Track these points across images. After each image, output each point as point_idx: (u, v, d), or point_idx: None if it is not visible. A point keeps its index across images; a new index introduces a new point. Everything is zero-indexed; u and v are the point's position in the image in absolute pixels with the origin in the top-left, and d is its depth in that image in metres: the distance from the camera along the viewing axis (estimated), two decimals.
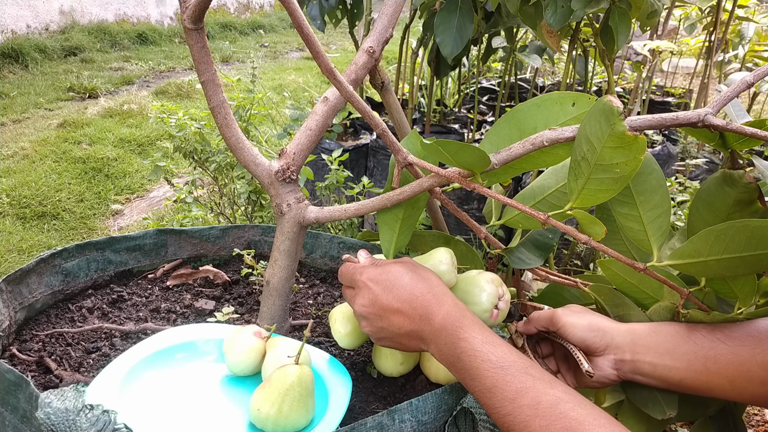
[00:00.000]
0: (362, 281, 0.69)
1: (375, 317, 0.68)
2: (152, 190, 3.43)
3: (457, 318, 0.65)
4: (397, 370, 0.79)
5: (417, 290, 0.67)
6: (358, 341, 0.80)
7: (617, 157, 0.60)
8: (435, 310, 0.66)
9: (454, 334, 0.63)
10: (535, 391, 0.57)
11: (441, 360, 0.66)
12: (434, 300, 0.66)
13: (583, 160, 0.63)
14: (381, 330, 0.69)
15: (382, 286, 0.68)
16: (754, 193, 0.66)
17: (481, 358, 0.61)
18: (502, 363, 0.60)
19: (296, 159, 0.82)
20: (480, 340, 0.62)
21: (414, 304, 0.66)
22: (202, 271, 1.04)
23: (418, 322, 0.66)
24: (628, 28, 1.59)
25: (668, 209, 0.70)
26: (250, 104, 1.72)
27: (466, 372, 0.62)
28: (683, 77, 4.88)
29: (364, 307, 0.69)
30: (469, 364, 0.61)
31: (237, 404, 0.72)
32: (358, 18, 2.31)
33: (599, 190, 0.64)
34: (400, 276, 0.68)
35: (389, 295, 0.67)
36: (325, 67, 0.67)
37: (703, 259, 0.64)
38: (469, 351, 0.61)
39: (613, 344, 0.71)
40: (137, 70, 6.23)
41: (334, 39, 8.97)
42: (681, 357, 0.67)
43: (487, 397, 0.59)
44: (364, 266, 0.71)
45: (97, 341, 0.84)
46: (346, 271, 0.73)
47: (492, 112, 3.09)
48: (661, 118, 0.63)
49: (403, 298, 0.67)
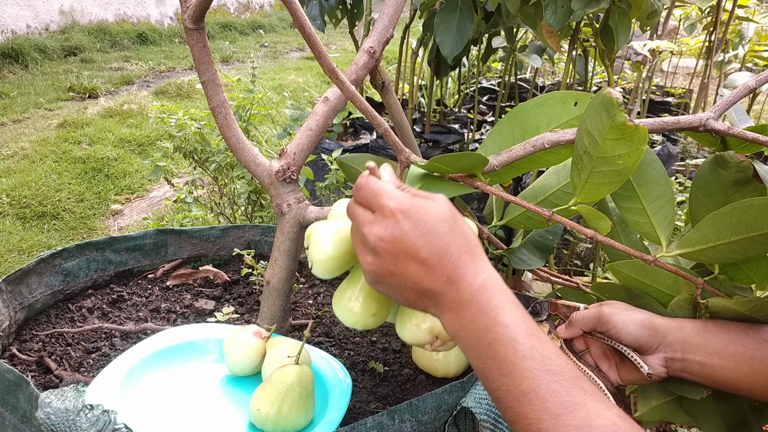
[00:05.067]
0: (390, 209, 0.55)
1: (389, 257, 0.55)
2: (152, 190, 3.43)
3: (496, 294, 0.53)
4: (364, 321, 0.65)
5: (454, 245, 0.54)
6: (337, 271, 0.65)
7: (619, 148, 0.60)
8: (469, 275, 0.54)
9: (490, 314, 0.52)
10: (587, 411, 0.47)
11: (456, 336, 0.55)
12: (470, 263, 0.54)
13: (585, 154, 0.63)
14: (388, 274, 0.56)
15: (413, 225, 0.54)
16: (748, 171, 0.66)
17: (522, 353, 0.50)
18: (549, 366, 0.49)
19: (296, 159, 0.82)
20: (524, 330, 0.51)
21: (445, 260, 0.54)
22: (202, 271, 1.04)
23: (443, 284, 0.54)
24: (628, 28, 1.59)
25: (672, 199, 0.70)
26: (250, 104, 1.72)
27: (495, 364, 0.51)
28: (683, 77, 4.88)
29: (381, 241, 0.55)
30: (504, 355, 0.50)
31: (237, 404, 0.72)
32: (358, 18, 2.31)
33: (602, 183, 0.64)
34: (439, 222, 0.55)
35: (419, 238, 0.54)
36: (327, 66, 0.67)
37: (711, 244, 0.64)
38: (508, 341, 0.51)
39: (665, 342, 0.67)
40: (137, 70, 6.23)
41: (334, 39, 8.97)
42: (729, 357, 0.65)
43: (519, 402, 0.49)
44: (393, 190, 0.56)
45: (97, 341, 0.84)
46: (368, 186, 0.57)
47: (492, 112, 3.09)
48: (663, 122, 0.63)
49: (435, 248, 0.54)
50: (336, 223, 0.65)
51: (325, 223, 0.66)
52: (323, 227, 0.65)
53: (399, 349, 0.88)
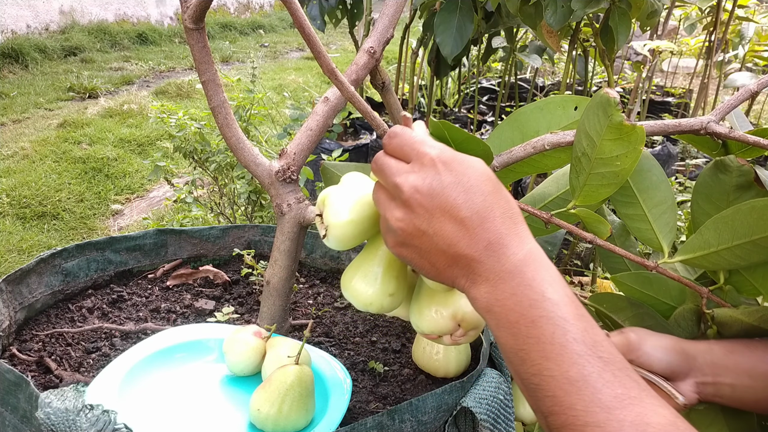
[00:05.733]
0: (431, 157, 0.48)
1: (422, 212, 0.48)
2: (152, 190, 3.43)
3: (544, 266, 0.47)
4: (380, 302, 0.57)
5: (498, 207, 0.47)
6: (354, 240, 0.57)
7: (617, 149, 0.60)
8: (513, 244, 0.47)
9: (536, 289, 0.45)
10: (643, 406, 0.42)
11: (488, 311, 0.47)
12: (513, 229, 0.47)
13: (583, 155, 0.63)
14: (418, 234, 0.48)
15: (455, 178, 0.47)
16: (749, 175, 0.65)
17: (573, 335, 0.43)
18: (601, 352, 0.43)
19: (296, 159, 0.82)
20: (573, 310, 0.45)
21: (487, 223, 0.47)
22: (202, 271, 1.04)
23: (481, 250, 0.47)
24: (628, 28, 1.59)
25: (673, 204, 0.69)
26: (250, 104, 1.72)
27: (538, 345, 0.44)
28: (683, 77, 4.88)
29: (417, 192, 0.47)
30: (551, 336, 0.44)
31: (237, 404, 0.72)
32: (358, 18, 2.32)
33: (601, 186, 0.64)
34: (484, 179, 0.48)
35: (461, 194, 0.47)
36: (326, 67, 0.67)
37: (714, 249, 0.63)
38: (557, 319, 0.44)
39: (695, 366, 0.64)
40: (137, 70, 6.23)
41: (334, 39, 8.97)
42: (759, 377, 0.63)
43: (564, 390, 0.42)
44: (433, 140, 0.51)
45: (97, 341, 0.84)
46: (405, 134, 0.51)
47: (492, 112, 3.09)
48: (664, 125, 0.63)
49: (477, 208, 0.47)
50: (353, 188, 0.57)
51: (341, 187, 0.58)
52: (339, 190, 0.57)
53: (399, 349, 0.88)
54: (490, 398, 0.69)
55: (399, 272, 0.59)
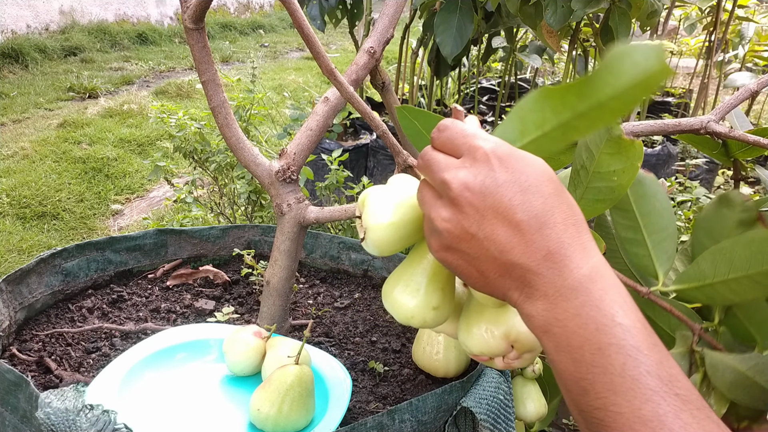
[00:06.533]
0: (485, 151, 0.42)
1: (473, 213, 0.42)
2: (152, 190, 3.43)
3: (612, 285, 0.41)
4: (422, 316, 0.52)
5: (558, 212, 0.42)
6: (396, 246, 0.52)
7: (614, 163, 0.59)
8: (577, 255, 0.41)
9: (605, 311, 0.40)
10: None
11: (546, 332, 0.42)
12: (577, 239, 0.41)
13: (582, 168, 0.62)
14: (467, 237, 0.43)
15: (511, 176, 0.42)
16: (753, 212, 0.64)
17: (646, 367, 0.38)
18: (678, 389, 0.38)
19: (296, 159, 0.82)
20: (647, 338, 0.39)
21: (547, 230, 0.41)
22: (202, 271, 1.04)
23: (539, 260, 0.41)
24: (628, 28, 1.59)
25: (674, 233, 0.66)
26: (250, 104, 1.72)
27: (605, 376, 0.39)
28: (683, 77, 4.88)
29: (467, 190, 0.42)
30: (621, 367, 0.38)
31: (237, 404, 0.72)
32: (358, 18, 2.32)
33: (597, 200, 0.63)
34: (545, 180, 0.42)
35: (517, 195, 0.41)
36: (325, 67, 0.67)
37: (709, 281, 0.60)
38: (629, 348, 0.38)
39: None
40: (137, 70, 6.23)
41: (334, 39, 8.97)
42: None
43: (634, 430, 0.38)
44: (487, 133, 0.45)
45: (97, 341, 0.84)
46: (456, 127, 0.45)
47: (492, 112, 3.09)
48: (664, 124, 0.63)
49: (536, 211, 0.41)
50: (398, 188, 0.53)
51: (384, 187, 0.54)
52: (382, 191, 0.53)
53: (399, 349, 0.88)
54: (490, 398, 0.69)
55: (445, 284, 0.53)
